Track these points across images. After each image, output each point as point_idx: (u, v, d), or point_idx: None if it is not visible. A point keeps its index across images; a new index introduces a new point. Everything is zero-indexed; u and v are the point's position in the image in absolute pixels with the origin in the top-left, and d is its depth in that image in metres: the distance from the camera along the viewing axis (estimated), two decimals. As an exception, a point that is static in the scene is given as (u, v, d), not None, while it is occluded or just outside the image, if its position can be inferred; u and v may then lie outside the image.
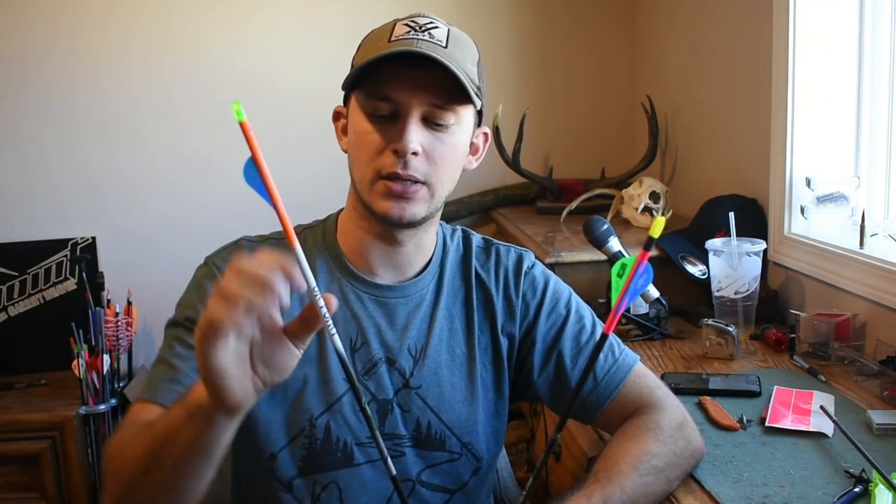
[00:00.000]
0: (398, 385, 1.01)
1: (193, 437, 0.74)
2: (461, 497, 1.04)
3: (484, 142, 1.06)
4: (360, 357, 1.00)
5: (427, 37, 0.92)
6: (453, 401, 1.02)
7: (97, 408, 2.08)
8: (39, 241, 2.31)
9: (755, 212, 1.78)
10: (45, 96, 2.32)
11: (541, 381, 1.05)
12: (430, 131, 0.93)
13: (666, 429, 0.98)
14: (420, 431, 1.01)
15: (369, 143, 0.94)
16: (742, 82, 1.91)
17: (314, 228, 1.07)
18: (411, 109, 0.92)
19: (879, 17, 1.58)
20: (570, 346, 1.05)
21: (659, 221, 0.66)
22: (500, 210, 2.50)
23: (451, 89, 0.91)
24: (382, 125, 0.93)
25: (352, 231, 1.03)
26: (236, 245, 1.04)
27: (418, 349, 1.02)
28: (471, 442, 1.03)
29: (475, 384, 1.03)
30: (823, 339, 1.39)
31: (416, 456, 1.01)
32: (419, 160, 0.93)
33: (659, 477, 0.93)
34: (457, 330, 1.04)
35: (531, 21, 2.55)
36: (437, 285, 1.05)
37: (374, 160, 0.93)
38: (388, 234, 0.99)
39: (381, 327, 1.01)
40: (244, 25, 2.39)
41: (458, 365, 1.03)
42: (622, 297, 0.70)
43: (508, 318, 1.06)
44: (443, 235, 1.09)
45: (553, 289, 1.08)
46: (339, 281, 1.02)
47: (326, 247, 1.04)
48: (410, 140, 0.91)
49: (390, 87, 0.92)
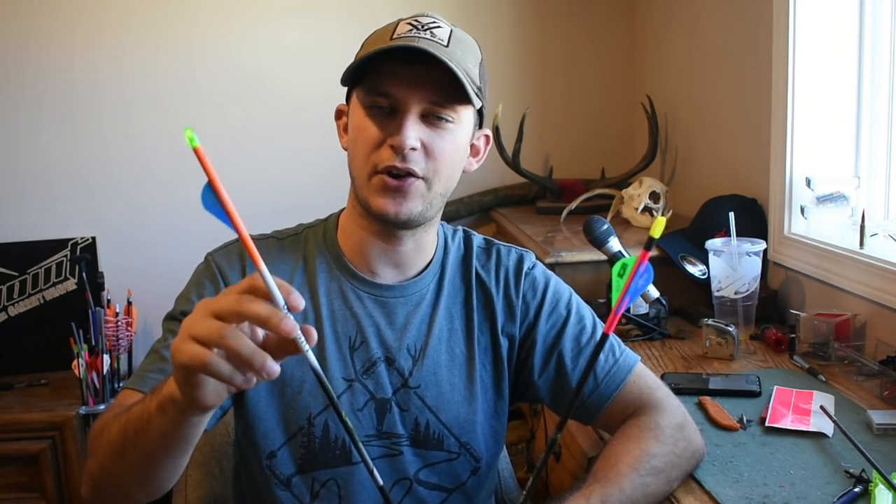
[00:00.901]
0: (397, 384, 1.01)
1: (164, 428, 0.76)
2: (459, 496, 1.04)
3: (485, 144, 1.06)
4: (359, 356, 1.00)
5: (429, 35, 0.93)
6: (452, 401, 1.02)
7: (97, 408, 2.08)
8: (40, 241, 2.31)
9: (755, 212, 1.78)
10: (45, 96, 2.32)
11: (541, 382, 1.05)
12: (429, 127, 0.94)
13: (666, 429, 0.98)
14: (418, 431, 1.01)
15: (367, 137, 0.94)
16: (742, 82, 1.91)
17: (315, 228, 1.08)
18: (410, 106, 0.92)
19: (879, 16, 1.58)
20: (571, 346, 1.05)
21: (659, 221, 0.66)
22: (500, 210, 2.50)
23: (450, 87, 0.92)
24: (381, 120, 0.94)
25: (352, 230, 1.03)
26: (236, 243, 1.04)
27: (417, 349, 1.02)
28: (469, 442, 1.03)
29: (474, 384, 1.03)
30: (823, 339, 1.39)
31: (413, 455, 1.01)
32: (417, 155, 0.93)
33: (659, 477, 0.93)
34: (456, 330, 1.04)
35: (531, 21, 2.55)
36: (437, 285, 1.05)
37: (371, 155, 0.94)
38: (387, 232, 1.00)
39: (381, 326, 1.01)
40: (243, 24, 2.39)
41: (458, 365, 1.03)
42: (623, 296, 0.70)
43: (508, 318, 1.06)
44: (444, 236, 1.09)
45: (554, 289, 1.08)
46: (339, 280, 1.02)
47: (327, 246, 1.04)
48: (409, 135, 0.91)
49: (389, 84, 0.92)
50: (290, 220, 1.12)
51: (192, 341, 0.66)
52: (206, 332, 0.66)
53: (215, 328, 0.65)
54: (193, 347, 0.66)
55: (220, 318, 0.66)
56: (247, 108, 2.42)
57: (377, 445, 1.00)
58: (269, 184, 2.42)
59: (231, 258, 1.02)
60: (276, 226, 1.10)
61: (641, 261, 0.69)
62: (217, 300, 0.67)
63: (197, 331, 0.66)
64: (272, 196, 2.37)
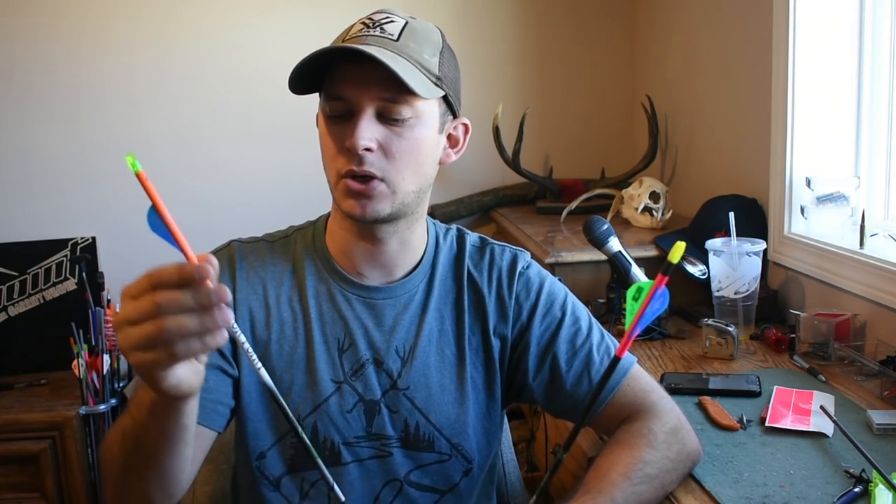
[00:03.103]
0: (386, 386, 1.00)
1: (160, 429, 0.77)
2: (451, 498, 1.04)
3: (464, 133, 1.04)
4: (348, 358, 1.00)
5: (378, 32, 0.93)
6: (442, 402, 1.01)
7: (97, 408, 2.08)
8: (39, 241, 2.31)
9: (755, 212, 1.78)
10: (45, 96, 2.32)
11: (536, 384, 1.04)
12: (385, 127, 0.93)
13: (659, 434, 0.97)
14: (408, 432, 1.01)
15: (328, 144, 0.95)
16: (742, 82, 1.91)
17: (305, 230, 1.08)
18: (362, 106, 0.91)
19: (879, 16, 1.58)
20: (566, 348, 1.04)
21: (679, 247, 0.65)
22: (500, 210, 2.50)
23: (401, 82, 0.90)
24: (338, 125, 0.93)
25: (337, 232, 1.03)
26: (227, 247, 1.05)
27: (406, 350, 1.01)
28: (460, 443, 1.02)
29: (465, 385, 1.03)
30: (823, 339, 1.40)
31: (404, 456, 1.01)
32: (375, 156, 0.92)
33: (653, 484, 0.93)
34: (447, 331, 1.03)
35: (531, 21, 2.54)
36: (427, 286, 1.04)
37: (334, 161, 0.94)
38: (367, 232, 0.99)
39: (369, 328, 1.01)
40: (247, 25, 2.39)
41: (448, 366, 1.03)
42: (637, 321, 0.69)
43: (500, 319, 1.05)
44: (435, 235, 1.08)
45: (548, 290, 1.07)
46: (327, 282, 1.02)
47: (315, 248, 1.05)
48: (360, 136, 0.90)
49: (341, 86, 0.92)
50: (295, 216, 1.12)
51: (132, 336, 0.65)
52: (138, 313, 0.66)
53: (147, 309, 0.66)
54: (138, 351, 0.65)
55: (155, 309, 0.66)
56: (252, 106, 2.42)
57: (367, 447, 1.00)
58: (274, 181, 2.41)
59: (221, 258, 1.02)
60: (281, 222, 1.10)
61: (659, 285, 0.68)
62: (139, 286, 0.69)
63: (131, 315, 0.66)
64: (275, 194, 2.37)
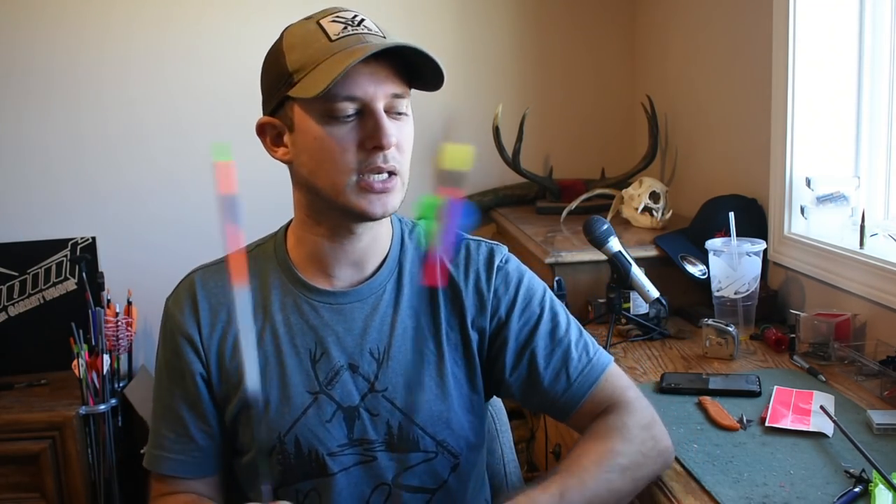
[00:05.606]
0: (364, 390, 0.99)
1: None
2: (443, 496, 1.03)
3: None
4: (322, 367, 0.99)
5: (365, 29, 0.93)
6: (423, 400, 1.00)
7: (97, 408, 2.08)
8: (39, 241, 2.31)
9: (755, 212, 1.78)
10: (45, 96, 2.32)
11: (513, 380, 1.04)
12: (394, 121, 0.93)
13: (633, 428, 0.97)
14: (391, 434, 1.00)
15: (331, 146, 0.91)
16: (742, 82, 1.91)
17: (265, 245, 1.06)
18: (377, 103, 0.91)
19: (879, 17, 1.58)
20: (544, 344, 1.03)
21: (457, 150, 0.60)
22: (500, 210, 2.50)
23: (404, 74, 0.92)
24: (345, 125, 0.91)
25: (304, 239, 1.01)
26: (188, 279, 1.04)
27: (381, 351, 1.00)
28: (445, 440, 1.01)
29: (445, 381, 1.02)
30: (823, 339, 1.39)
31: (389, 459, 1.00)
32: (393, 152, 0.92)
33: (623, 475, 0.93)
34: (422, 327, 1.02)
35: (531, 21, 2.54)
36: (396, 283, 1.03)
37: (348, 161, 0.92)
38: (347, 229, 0.98)
39: (339, 334, 1.00)
40: (244, 26, 2.39)
41: (427, 363, 1.01)
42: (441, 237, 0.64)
43: (479, 312, 1.04)
44: (400, 231, 1.06)
45: (527, 286, 1.06)
46: (293, 294, 1.01)
47: (278, 261, 1.04)
48: (389, 133, 0.90)
49: (355, 86, 0.90)
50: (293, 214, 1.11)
51: None
52: None
53: None
54: None
55: None
56: (248, 109, 2.41)
57: (350, 453, 0.99)
58: (274, 180, 2.39)
59: (181, 298, 1.03)
60: (280, 220, 1.09)
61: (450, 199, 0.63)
62: None
63: None
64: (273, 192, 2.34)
